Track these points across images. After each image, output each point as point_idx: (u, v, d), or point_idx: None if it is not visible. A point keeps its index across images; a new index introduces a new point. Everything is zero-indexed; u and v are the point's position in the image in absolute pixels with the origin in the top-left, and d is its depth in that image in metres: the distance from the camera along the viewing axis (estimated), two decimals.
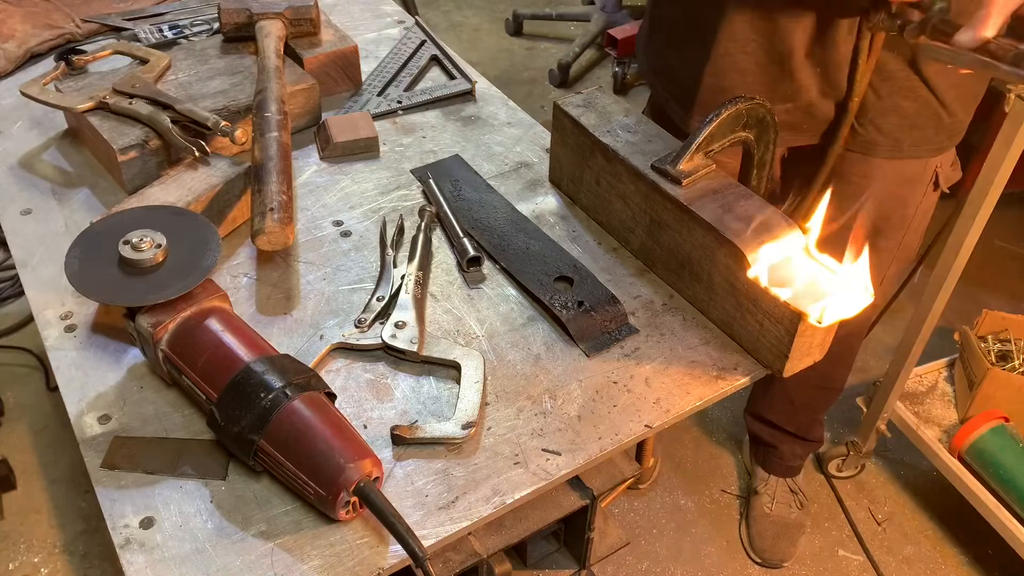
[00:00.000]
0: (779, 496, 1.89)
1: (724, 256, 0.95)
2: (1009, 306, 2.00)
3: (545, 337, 0.99)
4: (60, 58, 1.34)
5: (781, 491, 1.89)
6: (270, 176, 1.06)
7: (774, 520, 1.87)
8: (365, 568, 0.76)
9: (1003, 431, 1.73)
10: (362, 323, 0.97)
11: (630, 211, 1.07)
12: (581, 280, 1.04)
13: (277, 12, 1.34)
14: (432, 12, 3.82)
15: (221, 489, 0.82)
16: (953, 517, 1.94)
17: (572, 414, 0.90)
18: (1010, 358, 1.87)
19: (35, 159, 1.23)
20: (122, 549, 0.77)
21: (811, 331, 0.90)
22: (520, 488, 0.83)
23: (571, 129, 1.13)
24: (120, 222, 0.91)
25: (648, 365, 0.96)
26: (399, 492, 0.82)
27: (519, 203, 1.18)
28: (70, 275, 0.86)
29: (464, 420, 0.87)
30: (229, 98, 1.22)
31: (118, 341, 0.96)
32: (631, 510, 1.95)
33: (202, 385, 0.83)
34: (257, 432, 0.78)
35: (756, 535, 1.87)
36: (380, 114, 1.35)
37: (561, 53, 3.39)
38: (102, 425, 0.88)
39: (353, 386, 0.93)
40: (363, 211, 1.16)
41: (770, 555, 1.85)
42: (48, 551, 1.82)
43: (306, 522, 0.80)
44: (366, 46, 1.49)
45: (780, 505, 1.88)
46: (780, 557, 1.85)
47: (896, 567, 1.86)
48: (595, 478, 0.95)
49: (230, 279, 1.05)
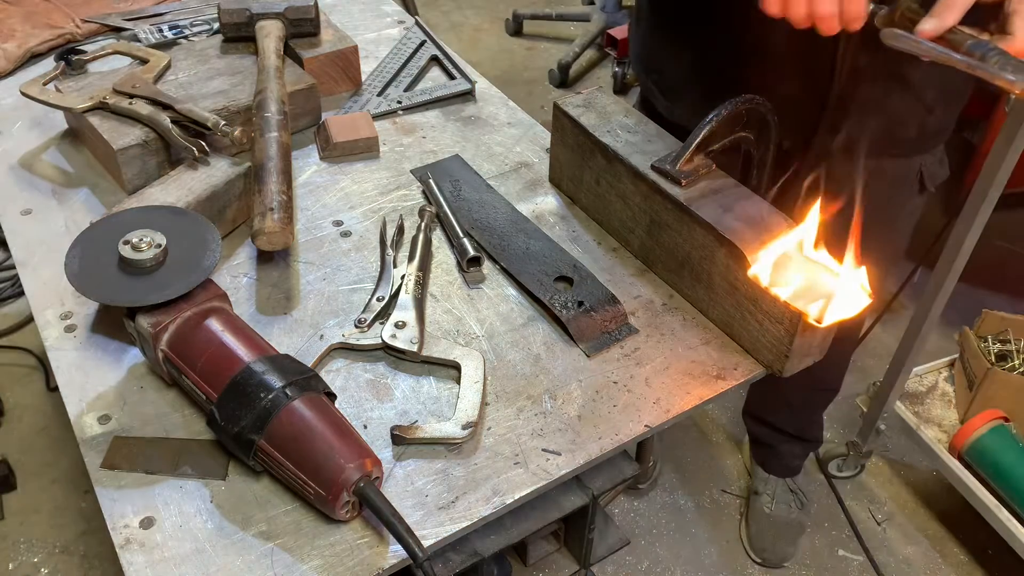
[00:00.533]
0: (779, 496, 1.89)
1: (724, 256, 0.95)
2: (1009, 306, 2.00)
3: (545, 337, 0.99)
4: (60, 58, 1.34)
5: (781, 491, 1.89)
6: (270, 176, 1.06)
7: (774, 520, 1.87)
8: (365, 568, 0.76)
9: (1003, 431, 1.73)
10: (362, 323, 0.97)
11: (630, 211, 1.08)
12: (581, 280, 1.04)
13: (277, 12, 1.34)
14: (432, 12, 3.82)
15: (221, 489, 0.82)
16: (953, 517, 1.94)
17: (572, 414, 0.90)
18: (1010, 358, 1.87)
19: (35, 159, 1.23)
20: (122, 549, 0.77)
21: (811, 331, 0.90)
22: (520, 488, 0.83)
23: (571, 129, 1.13)
24: (120, 222, 0.91)
25: (648, 365, 0.96)
26: (399, 492, 0.82)
27: (519, 203, 1.18)
28: (70, 275, 0.86)
29: (464, 420, 0.87)
30: (229, 98, 1.22)
31: (118, 341, 0.96)
32: (631, 510, 1.95)
33: (202, 385, 0.83)
34: (257, 432, 0.78)
35: (756, 535, 1.87)
36: (380, 114, 1.35)
37: (561, 53, 3.39)
38: (102, 425, 0.88)
39: (353, 386, 0.93)
40: (363, 211, 1.16)
41: (770, 555, 1.85)
42: (48, 551, 1.82)
43: (306, 522, 0.80)
44: (366, 46, 1.49)
45: (780, 505, 1.88)
46: (780, 557, 1.85)
47: (896, 567, 1.86)
48: (595, 478, 0.95)
49: (230, 279, 1.05)
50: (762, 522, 1.87)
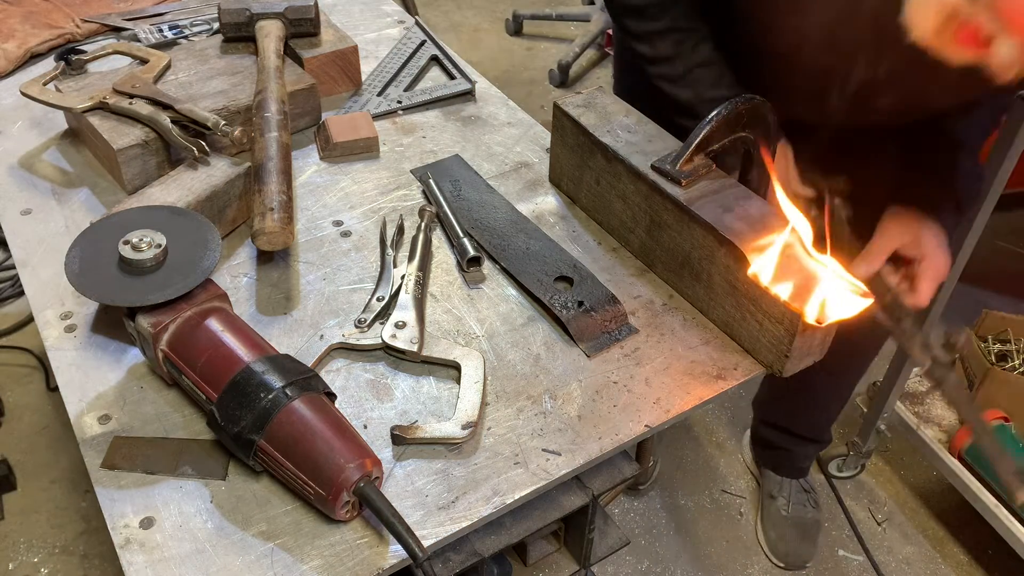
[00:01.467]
0: (794, 498, 1.88)
1: (724, 256, 0.95)
2: (1009, 306, 2.00)
3: (545, 337, 0.99)
4: (60, 58, 1.34)
5: (795, 492, 1.89)
6: (270, 176, 1.06)
7: (794, 522, 1.86)
8: (365, 568, 0.76)
9: (1003, 431, 1.73)
10: (362, 323, 0.97)
11: (630, 211, 1.07)
12: (581, 280, 1.04)
13: (277, 12, 1.34)
14: (432, 12, 3.81)
15: (221, 489, 0.82)
16: (953, 517, 1.94)
17: (572, 414, 0.90)
18: (1010, 358, 1.87)
19: (35, 159, 1.23)
20: (122, 549, 0.77)
21: (811, 331, 0.90)
22: (520, 488, 0.83)
23: (571, 129, 1.13)
24: (120, 222, 0.91)
25: (648, 365, 0.96)
26: (399, 492, 0.82)
27: (519, 203, 1.18)
28: (70, 275, 0.86)
29: (464, 420, 0.87)
30: (229, 98, 1.22)
31: (118, 341, 0.96)
32: (631, 510, 1.95)
33: (202, 385, 0.83)
34: (257, 432, 0.78)
35: (779, 539, 1.85)
36: (380, 114, 1.35)
37: (561, 53, 3.39)
38: (102, 425, 0.88)
39: (353, 386, 0.93)
40: (363, 211, 1.16)
41: (794, 558, 1.83)
42: (48, 551, 1.82)
43: (306, 522, 0.80)
44: (366, 46, 1.49)
45: (796, 506, 1.87)
46: (804, 559, 1.84)
47: (896, 567, 1.86)
48: (595, 478, 0.95)
49: (230, 279, 1.05)
50: (782, 526, 1.86)
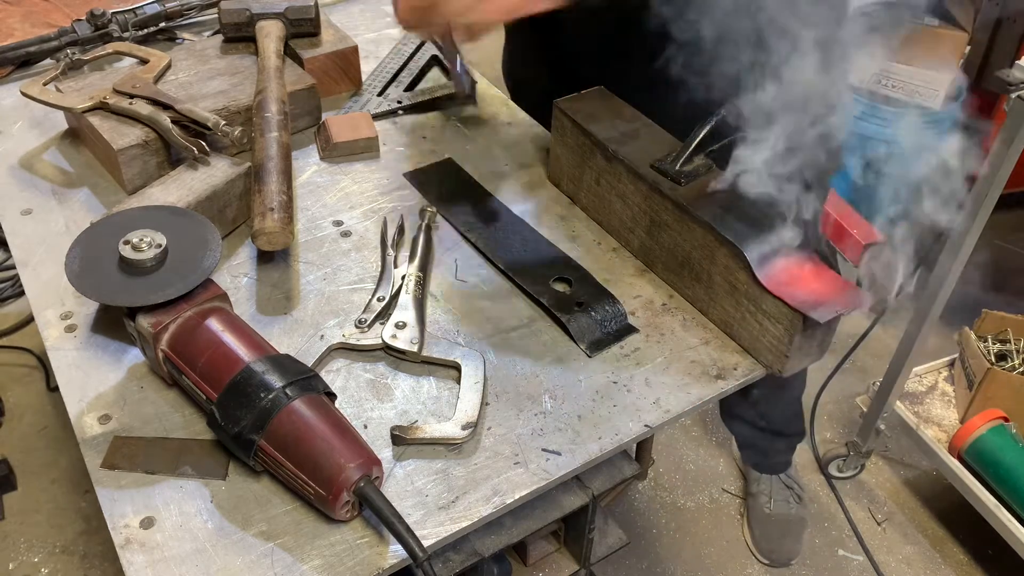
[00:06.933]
0: (776, 494, 1.88)
1: (724, 256, 0.95)
2: (1009, 306, 2.00)
3: (545, 337, 0.99)
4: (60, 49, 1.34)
5: (777, 488, 1.89)
6: (270, 176, 1.06)
7: (776, 519, 1.86)
8: (365, 568, 0.76)
9: (1003, 431, 1.73)
10: (362, 323, 0.97)
11: (630, 211, 1.08)
12: (581, 280, 1.04)
13: (277, 12, 1.34)
14: None
15: (221, 489, 0.82)
16: (953, 517, 1.94)
17: (572, 414, 0.90)
18: (1010, 358, 1.87)
19: (35, 159, 1.23)
20: (122, 549, 0.77)
21: (811, 331, 0.90)
22: (520, 488, 0.83)
23: (571, 129, 1.13)
24: (120, 222, 0.91)
25: (648, 365, 0.96)
26: (399, 492, 0.82)
27: (519, 203, 1.18)
28: (70, 275, 0.86)
29: (464, 420, 0.87)
30: (229, 98, 1.22)
31: (118, 341, 0.96)
32: (631, 510, 1.95)
33: (202, 385, 0.83)
34: (257, 432, 0.78)
35: (761, 537, 1.86)
36: (380, 114, 1.35)
37: None
38: (102, 425, 0.88)
39: (353, 386, 0.93)
40: (363, 211, 1.16)
41: (778, 555, 1.84)
42: (48, 551, 1.82)
43: (306, 522, 0.80)
44: (366, 46, 1.49)
45: (778, 503, 1.88)
46: (788, 556, 1.85)
47: (896, 567, 1.86)
48: (595, 478, 0.95)
49: (230, 279, 1.05)
50: (764, 523, 1.87)
